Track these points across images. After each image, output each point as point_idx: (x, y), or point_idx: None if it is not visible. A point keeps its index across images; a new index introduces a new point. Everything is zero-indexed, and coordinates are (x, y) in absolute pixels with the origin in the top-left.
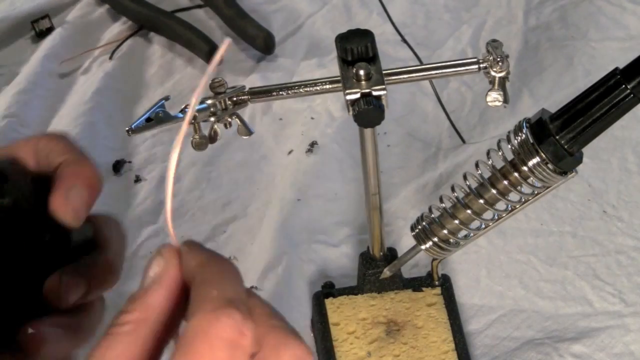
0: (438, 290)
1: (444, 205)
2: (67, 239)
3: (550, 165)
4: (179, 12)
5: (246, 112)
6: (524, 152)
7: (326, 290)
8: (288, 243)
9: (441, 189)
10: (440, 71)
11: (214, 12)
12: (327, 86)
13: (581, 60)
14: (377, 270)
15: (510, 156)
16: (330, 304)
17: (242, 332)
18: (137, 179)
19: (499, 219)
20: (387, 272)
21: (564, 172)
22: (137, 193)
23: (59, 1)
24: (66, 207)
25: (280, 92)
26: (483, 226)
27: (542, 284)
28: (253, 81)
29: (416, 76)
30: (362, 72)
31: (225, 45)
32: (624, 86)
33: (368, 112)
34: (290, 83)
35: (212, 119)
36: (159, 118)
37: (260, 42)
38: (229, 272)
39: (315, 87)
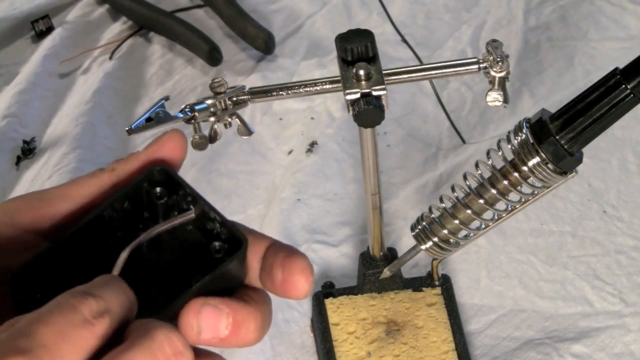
0: (438, 290)
1: (444, 205)
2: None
3: (550, 165)
4: (179, 12)
5: (246, 112)
6: (524, 152)
7: (326, 290)
8: (288, 243)
9: (441, 189)
10: (440, 71)
11: (214, 12)
12: (327, 86)
13: (581, 60)
14: (377, 270)
15: (510, 156)
16: (330, 304)
17: None
18: None
19: (499, 219)
20: (387, 272)
21: (564, 172)
22: None
23: (59, 1)
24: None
25: (280, 92)
26: (483, 226)
27: (542, 284)
28: (253, 81)
29: (416, 76)
30: (362, 72)
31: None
32: (624, 86)
33: (368, 112)
34: (290, 83)
35: (212, 119)
36: (159, 118)
37: (260, 42)
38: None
39: (315, 87)
